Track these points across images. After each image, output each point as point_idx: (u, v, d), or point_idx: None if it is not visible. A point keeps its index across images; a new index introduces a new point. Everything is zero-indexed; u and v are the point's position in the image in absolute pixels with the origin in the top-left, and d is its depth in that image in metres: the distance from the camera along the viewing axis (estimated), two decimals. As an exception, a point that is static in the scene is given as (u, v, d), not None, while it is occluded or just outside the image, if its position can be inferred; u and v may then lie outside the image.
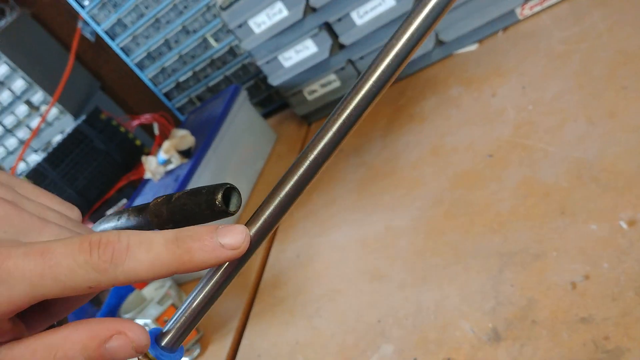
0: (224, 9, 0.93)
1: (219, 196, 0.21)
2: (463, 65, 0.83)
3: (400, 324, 0.55)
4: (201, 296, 0.21)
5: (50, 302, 0.23)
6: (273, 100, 1.27)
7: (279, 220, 0.22)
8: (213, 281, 0.21)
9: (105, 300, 0.90)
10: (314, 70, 0.96)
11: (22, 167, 1.43)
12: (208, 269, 0.22)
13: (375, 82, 0.20)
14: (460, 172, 0.66)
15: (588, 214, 0.49)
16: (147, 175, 1.04)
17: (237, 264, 0.21)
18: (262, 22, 0.92)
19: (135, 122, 1.31)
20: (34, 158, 1.43)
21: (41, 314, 0.23)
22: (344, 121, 0.21)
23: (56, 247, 0.20)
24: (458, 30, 0.83)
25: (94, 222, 0.27)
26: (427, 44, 0.86)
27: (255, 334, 0.71)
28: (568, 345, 0.42)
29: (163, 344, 0.22)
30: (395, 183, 0.73)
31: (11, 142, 1.46)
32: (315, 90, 1.01)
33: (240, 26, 0.94)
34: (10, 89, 1.35)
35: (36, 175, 1.13)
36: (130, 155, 1.30)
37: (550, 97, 0.63)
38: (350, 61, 0.94)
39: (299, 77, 0.98)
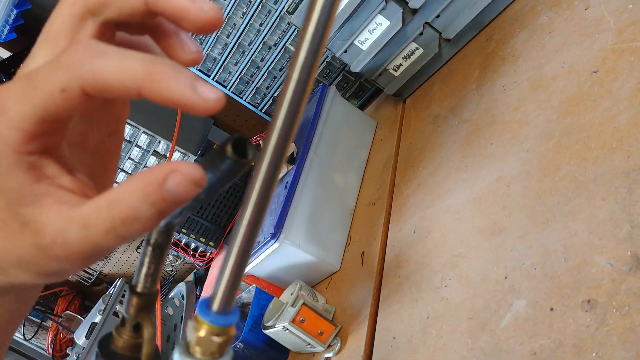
0: (291, 13, 0.95)
1: (229, 148, 0.20)
2: (548, -12, 0.75)
3: (529, 274, 0.50)
4: (234, 249, 0.21)
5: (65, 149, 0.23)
6: (365, 89, 1.26)
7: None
8: (241, 230, 0.21)
9: (249, 313, 0.95)
10: (393, 44, 0.94)
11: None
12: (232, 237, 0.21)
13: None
14: (566, 99, 0.59)
15: None
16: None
17: (260, 210, 0.20)
18: (329, 13, 0.92)
19: (247, 146, 1.38)
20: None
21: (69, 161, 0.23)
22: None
23: (40, 65, 0.20)
24: (532, -47, 0.75)
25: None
26: (502, -22, 0.79)
27: (388, 317, 0.69)
28: None
29: (215, 308, 0.22)
30: (499, 131, 0.68)
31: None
32: (401, 65, 0.98)
33: (310, 23, 0.95)
34: (138, 145, 1.51)
35: (171, 214, 1.24)
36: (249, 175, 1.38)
37: (652, -15, 0.54)
38: (427, 24, 0.90)
39: (380, 56, 0.96)
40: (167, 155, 1.52)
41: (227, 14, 1.19)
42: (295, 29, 1.15)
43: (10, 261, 0.21)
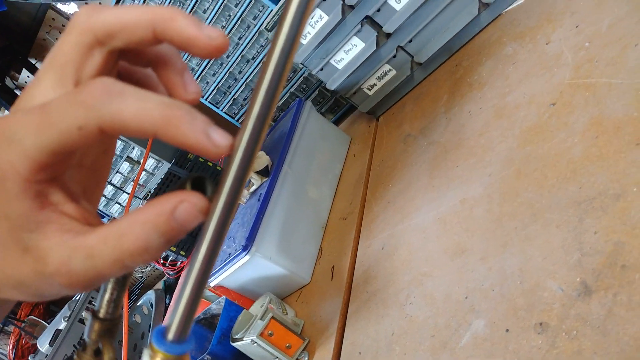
0: (269, 30, 0.97)
1: (188, 186, 0.21)
2: (514, 21, 0.79)
3: (487, 296, 0.53)
4: (190, 281, 0.21)
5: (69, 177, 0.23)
6: (341, 105, 1.29)
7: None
8: (197, 264, 0.22)
9: (218, 324, 0.96)
10: (368, 65, 0.97)
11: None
12: (190, 260, 0.22)
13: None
14: (526, 128, 0.62)
15: (666, 140, 0.44)
16: (236, 201, 1.10)
17: (216, 244, 0.21)
18: (307, 32, 0.94)
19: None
20: (143, 207, 1.57)
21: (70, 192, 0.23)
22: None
23: (56, 98, 0.20)
24: (501, -14, 0.79)
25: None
26: (472, 9, 0.83)
27: (355, 332, 0.71)
28: (665, 284, 0.38)
29: (170, 337, 0.22)
30: (465, 154, 0.71)
31: (123, 197, 1.63)
32: (375, 84, 1.01)
33: (287, 41, 0.97)
34: (111, 151, 1.51)
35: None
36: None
37: (606, 28, 0.58)
38: (400, 47, 0.93)
39: (355, 75, 0.99)
40: (141, 162, 1.52)
41: (206, 26, 1.20)
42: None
43: (7, 283, 0.21)
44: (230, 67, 1.27)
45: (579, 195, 0.50)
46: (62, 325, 1.56)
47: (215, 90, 1.34)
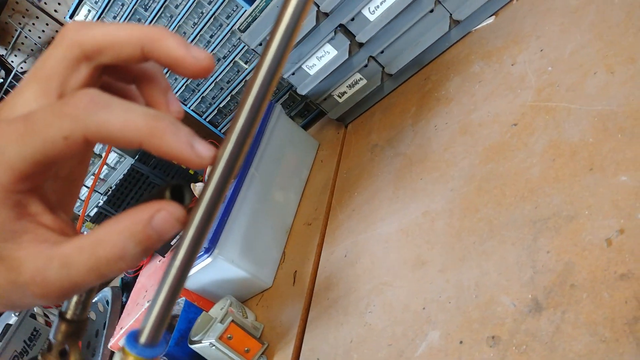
0: (242, 31, 0.97)
1: (167, 194, 0.22)
2: (482, 40, 0.81)
3: (444, 308, 0.55)
4: (165, 287, 0.22)
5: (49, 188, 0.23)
6: (310, 109, 1.30)
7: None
8: (173, 271, 0.22)
9: (176, 326, 0.95)
10: (339, 72, 0.98)
11: (94, 212, 1.54)
12: (169, 259, 0.22)
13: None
14: (489, 146, 0.64)
15: (617, 166, 0.47)
16: (201, 201, 1.09)
17: (192, 253, 0.22)
18: (280, 36, 0.95)
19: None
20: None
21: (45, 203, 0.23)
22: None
23: (40, 108, 0.20)
24: (471, 7, 0.82)
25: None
26: (443, 25, 0.85)
27: (314, 338, 0.72)
28: (610, 304, 0.41)
29: (143, 341, 0.22)
30: (429, 168, 0.73)
31: (83, 191, 1.59)
32: (345, 92, 1.02)
33: (260, 44, 0.97)
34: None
35: (100, 218, 1.21)
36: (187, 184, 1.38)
37: (569, 54, 0.61)
38: (372, 57, 0.94)
39: (326, 82, 1.00)
40: (103, 156, 1.48)
41: (178, 22, 1.19)
42: (245, 45, 1.17)
43: None
44: (201, 65, 1.26)
45: (535, 214, 0.52)
46: (13, 320, 1.51)
47: (183, 87, 1.32)
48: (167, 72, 1.28)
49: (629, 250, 0.41)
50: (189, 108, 1.37)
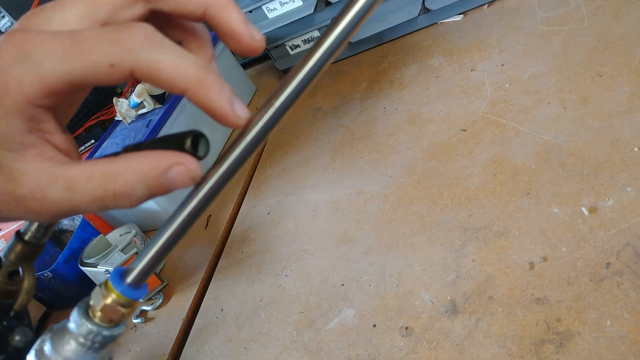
0: None
1: (188, 141, 0.21)
2: (446, 35, 0.82)
3: (363, 289, 0.57)
4: (165, 236, 0.22)
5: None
6: (253, 51, 1.24)
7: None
8: (176, 223, 0.22)
9: (68, 243, 0.90)
10: (298, 24, 0.94)
11: None
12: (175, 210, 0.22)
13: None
14: (434, 144, 0.66)
15: (552, 197, 0.51)
16: (118, 117, 1.01)
17: (199, 210, 0.22)
18: (247, -31, 0.89)
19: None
20: None
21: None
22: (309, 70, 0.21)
23: (90, 29, 0.20)
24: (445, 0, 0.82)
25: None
26: (413, 10, 0.85)
27: (220, 288, 0.72)
28: (522, 323, 0.45)
29: (129, 280, 0.22)
30: (371, 148, 0.74)
31: None
32: (298, 46, 0.99)
33: None
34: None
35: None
36: (103, 94, 1.27)
37: (528, 77, 0.64)
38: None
39: (282, 30, 0.96)
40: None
41: None
42: None
43: None
44: None
45: (467, 222, 0.55)
46: None
47: None
48: None
49: (548, 278, 0.46)
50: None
